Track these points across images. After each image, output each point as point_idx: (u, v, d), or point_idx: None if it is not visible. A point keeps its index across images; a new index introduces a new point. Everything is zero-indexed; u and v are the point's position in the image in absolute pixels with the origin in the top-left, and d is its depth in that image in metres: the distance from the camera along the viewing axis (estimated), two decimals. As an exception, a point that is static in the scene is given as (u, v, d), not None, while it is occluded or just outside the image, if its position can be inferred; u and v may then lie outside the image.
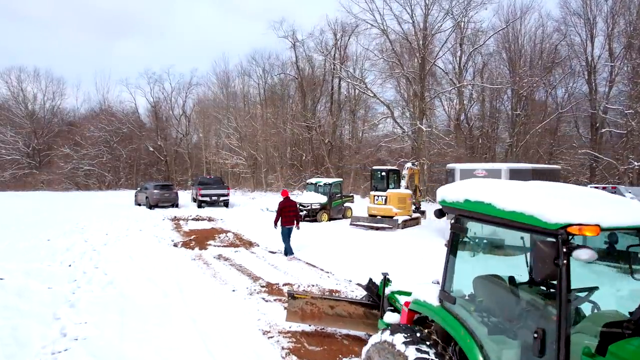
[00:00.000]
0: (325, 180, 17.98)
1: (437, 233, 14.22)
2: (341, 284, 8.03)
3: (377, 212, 15.41)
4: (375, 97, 29.18)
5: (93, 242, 12.31)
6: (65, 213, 20.04)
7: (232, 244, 12.17)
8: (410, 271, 8.85)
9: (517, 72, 28.24)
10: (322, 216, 17.14)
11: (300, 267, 9.39)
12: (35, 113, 49.93)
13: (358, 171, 36.21)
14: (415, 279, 8.40)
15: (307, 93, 39.95)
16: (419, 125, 28.12)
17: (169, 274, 8.69)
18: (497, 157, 34.25)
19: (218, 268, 9.24)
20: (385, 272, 5.17)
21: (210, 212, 21.25)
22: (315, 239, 13.02)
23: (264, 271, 8.89)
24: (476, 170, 10.96)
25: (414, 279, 8.37)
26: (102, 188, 43.88)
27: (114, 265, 9.41)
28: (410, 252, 11.15)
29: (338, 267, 9.30)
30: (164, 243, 12.42)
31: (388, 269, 9.33)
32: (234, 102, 46.24)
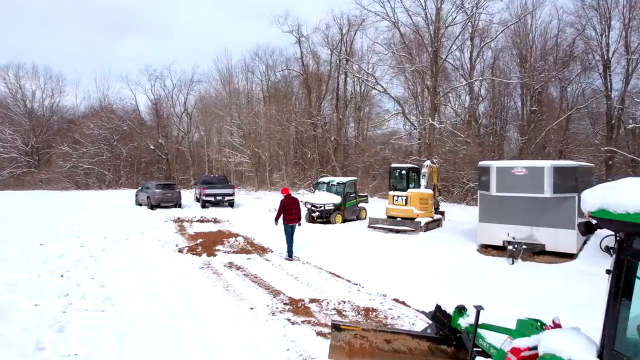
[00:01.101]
0: (339, 179, 16.84)
1: (464, 236, 13.11)
2: (375, 299, 6.91)
3: (396, 213, 14.28)
4: (385, 92, 28.06)
5: (90, 247, 11.20)
6: (62, 214, 18.94)
7: (243, 249, 11.05)
8: (451, 285, 7.74)
9: (532, 66, 27.07)
10: (336, 218, 16.01)
11: (323, 277, 8.28)
12: (34, 111, 48.85)
13: (365, 170, 35.08)
14: (460, 295, 7.33)
15: (312, 89, 38.82)
16: (431, 122, 26.99)
17: (175, 286, 7.58)
18: (505, 155, 33.26)
19: (230, 279, 8.12)
20: (461, 305, 4.01)
21: (215, 212, 20.14)
22: (332, 244, 11.90)
23: (284, 283, 7.77)
24: (515, 168, 9.83)
25: (459, 295, 7.29)
26: (102, 187, 42.78)
27: (112, 275, 8.30)
28: (442, 259, 10.03)
29: (366, 278, 8.18)
30: (168, 248, 11.31)
31: (423, 281, 8.20)
32: (237, 99, 45.09)
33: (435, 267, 9.17)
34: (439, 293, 7.22)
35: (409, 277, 8.36)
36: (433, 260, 9.87)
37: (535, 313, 6.44)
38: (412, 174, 14.97)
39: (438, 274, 8.63)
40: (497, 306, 6.46)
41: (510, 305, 6.55)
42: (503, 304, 6.60)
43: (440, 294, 7.11)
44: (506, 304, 6.65)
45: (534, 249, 9.82)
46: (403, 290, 7.37)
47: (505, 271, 8.91)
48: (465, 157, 28.47)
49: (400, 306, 6.60)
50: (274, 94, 42.44)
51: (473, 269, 9.03)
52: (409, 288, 7.55)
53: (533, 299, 6.91)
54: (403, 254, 10.59)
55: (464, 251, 10.96)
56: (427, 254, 10.68)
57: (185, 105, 49.52)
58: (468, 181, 28.07)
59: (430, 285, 7.74)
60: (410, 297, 6.98)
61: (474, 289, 7.49)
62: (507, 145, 36.11)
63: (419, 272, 8.76)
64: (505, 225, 10.46)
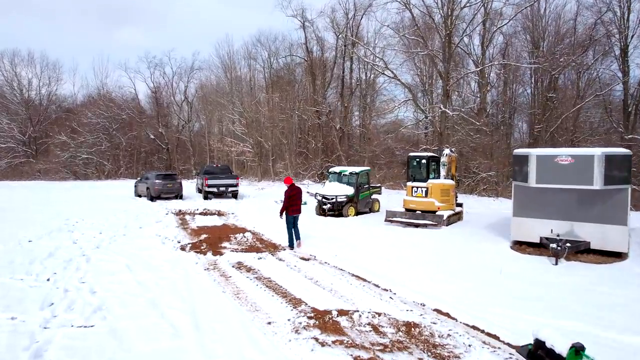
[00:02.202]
0: (352, 169, 15.73)
1: (490, 231, 12.08)
2: (414, 310, 5.87)
3: (416, 206, 13.22)
4: (395, 77, 26.77)
5: (83, 243, 10.17)
6: (57, 206, 17.91)
7: (252, 247, 10.00)
8: (495, 291, 6.65)
9: (550, 50, 25.80)
10: (348, 210, 14.95)
11: (347, 281, 7.23)
12: (31, 99, 47.61)
13: (370, 160, 33.96)
14: (510, 304, 6.14)
15: (317, 76, 37.52)
16: (443, 109, 25.81)
17: (178, 293, 6.55)
18: (513, 143, 32.18)
19: (241, 283, 7.08)
20: (579, 344, 2.90)
21: (218, 204, 19.10)
22: (349, 240, 10.86)
23: (304, 289, 6.73)
24: (559, 156, 8.72)
25: (509, 305, 6.22)
26: (101, 177, 41.77)
27: (105, 279, 7.26)
28: (475, 259, 8.99)
29: (395, 282, 7.15)
30: (169, 245, 10.27)
31: (462, 286, 6.91)
32: (239, 86, 43.79)
33: (470, 268, 8.13)
34: (485, 301, 6.20)
35: (443, 280, 7.33)
36: (465, 260, 8.83)
37: (612, 331, 5.45)
38: (432, 163, 13.86)
39: (476, 276, 7.59)
40: (562, 320, 5.45)
41: (576, 319, 5.52)
42: (568, 318, 5.58)
43: (487, 303, 6.10)
44: (570, 317, 5.61)
45: (579, 247, 8.77)
46: (442, 298, 6.34)
47: (551, 273, 7.86)
48: (478, 146, 27.42)
49: (445, 319, 5.56)
50: (277, 82, 41.13)
51: (513, 270, 7.98)
52: (448, 295, 6.52)
53: (600, 311, 5.86)
54: (429, 252, 9.55)
55: (496, 249, 9.92)
56: (457, 252, 9.65)
57: (185, 93, 48.28)
58: (480, 171, 27.07)
59: (472, 291, 6.70)
60: (453, 307, 5.94)
61: (523, 297, 6.45)
62: (516, 134, 35.09)
63: (454, 274, 7.72)
64: (543, 220, 9.41)
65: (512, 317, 5.63)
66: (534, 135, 29.62)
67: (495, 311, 5.83)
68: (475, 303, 6.14)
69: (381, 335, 4.99)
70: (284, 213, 9.94)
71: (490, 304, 6.11)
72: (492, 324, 5.37)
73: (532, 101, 31.43)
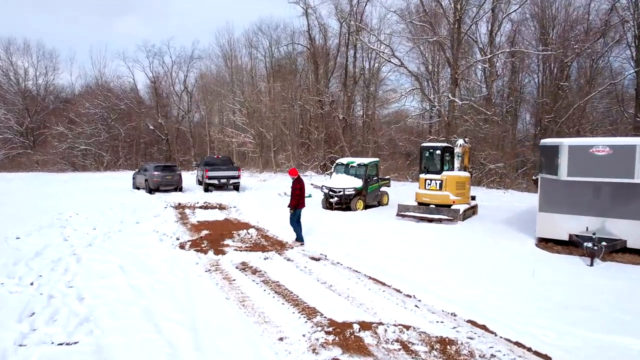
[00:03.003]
0: (360, 160, 14.94)
1: (510, 227, 11.35)
2: (444, 322, 5.14)
3: (430, 199, 12.46)
4: (402, 65, 25.84)
5: (75, 241, 9.45)
6: (52, 199, 17.17)
7: (256, 244, 9.27)
8: (533, 297, 5.88)
9: (564, 36, 24.85)
10: (357, 204, 14.20)
11: (364, 286, 6.50)
12: (28, 89, 46.68)
13: (374, 151, 33.17)
14: (558, 316, 5.20)
15: (320, 65, 36.52)
16: (452, 98, 24.96)
17: (176, 300, 5.82)
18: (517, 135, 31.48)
19: (246, 288, 6.35)
20: None
21: (219, 197, 18.36)
22: (360, 237, 10.12)
23: (318, 295, 6.00)
24: (595, 146, 7.94)
25: (556, 317, 5.43)
26: (99, 169, 41.01)
27: (95, 282, 6.54)
28: (501, 258, 8.25)
29: (418, 286, 6.42)
30: (167, 242, 9.54)
31: (494, 292, 6.16)
32: (240, 75, 42.79)
33: (497, 269, 7.40)
34: (523, 310, 5.48)
35: (470, 284, 6.60)
36: (490, 260, 8.09)
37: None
38: (446, 154, 13.07)
39: (505, 279, 6.85)
40: (614, 335, 4.75)
41: (631, 335, 4.81)
42: (620, 332, 4.89)
43: (526, 312, 5.37)
44: (623, 331, 4.92)
45: (615, 247, 8.02)
46: (473, 306, 5.62)
47: (588, 276, 7.12)
48: (487, 136, 26.63)
49: (483, 333, 4.83)
50: (279, 71, 40.14)
51: (545, 272, 7.25)
52: (479, 302, 5.79)
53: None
54: (449, 251, 8.82)
55: (521, 246, 9.18)
56: (478, 250, 8.91)
57: (185, 83, 47.34)
58: (488, 163, 26.33)
59: (505, 298, 5.97)
60: (488, 318, 5.21)
61: (564, 305, 5.71)
62: (519, 124, 34.30)
63: (480, 276, 6.98)
64: (573, 216, 8.66)
65: (559, 330, 4.91)
66: (543, 126, 28.77)
67: (537, 323, 5.10)
68: (513, 312, 5.42)
69: (413, 356, 4.26)
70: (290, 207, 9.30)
71: (529, 313, 5.39)
72: (538, 339, 4.65)
73: (540, 91, 30.57)
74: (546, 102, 28.27)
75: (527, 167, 28.73)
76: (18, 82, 45.86)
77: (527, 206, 16.13)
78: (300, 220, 9.30)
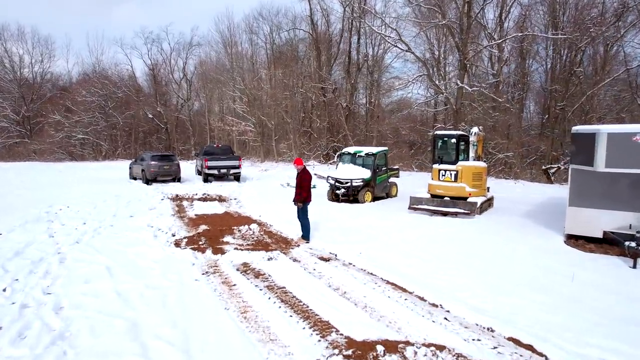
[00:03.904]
0: (368, 149, 14.07)
1: (532, 221, 10.55)
2: (483, 341, 4.35)
3: (444, 191, 11.64)
4: (409, 50, 24.80)
5: (61, 237, 8.66)
6: (44, 190, 16.39)
7: (259, 242, 8.48)
8: (578, 307, 5.02)
9: (580, 19, 23.75)
10: (365, 196, 13.40)
11: (383, 292, 5.71)
12: (24, 77, 45.64)
13: (377, 140, 32.27)
14: (621, 334, 4.31)
15: (322, 51, 35.41)
16: (461, 84, 23.99)
17: (168, 311, 5.04)
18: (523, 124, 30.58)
19: (249, 295, 5.57)
20: None
21: (219, 188, 17.56)
22: (372, 233, 9.32)
23: (331, 305, 5.21)
24: (638, 134, 7.10)
25: (616, 335, 4.59)
26: (98, 158, 40.18)
27: (77, 288, 5.76)
28: (529, 258, 7.44)
29: (444, 293, 5.64)
30: (162, 239, 8.75)
31: (530, 299, 5.42)
32: (240, 62, 41.69)
33: (528, 272, 6.60)
34: (572, 325, 4.68)
35: (502, 290, 5.80)
36: (518, 260, 7.29)
37: None
38: (461, 143, 12.20)
39: (541, 284, 6.06)
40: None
41: None
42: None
43: (576, 328, 4.57)
44: None
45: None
46: (512, 319, 4.83)
47: (635, 281, 6.33)
48: (496, 124, 25.75)
49: (530, 356, 4.04)
50: (280, 58, 39.02)
51: (586, 275, 6.45)
52: (518, 314, 5.00)
53: None
54: (470, 249, 8.02)
55: (549, 244, 8.38)
56: (503, 248, 8.11)
57: (184, 70, 46.25)
58: (497, 152, 25.50)
59: (548, 309, 5.18)
60: (533, 335, 4.42)
61: (624, 319, 4.89)
62: (527, 112, 33.36)
63: (512, 281, 6.19)
64: (608, 211, 7.84)
65: (626, 354, 4.11)
66: (554, 114, 27.80)
67: (595, 342, 4.31)
68: (560, 327, 4.63)
69: (453, 389, 3.48)
70: (297, 201, 8.50)
71: (580, 328, 4.59)
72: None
73: (549, 78, 29.45)
74: (556, 90, 27.23)
75: (536, 156, 27.91)
76: (13, 69, 44.83)
77: (544, 198, 15.32)
78: (308, 215, 8.49)
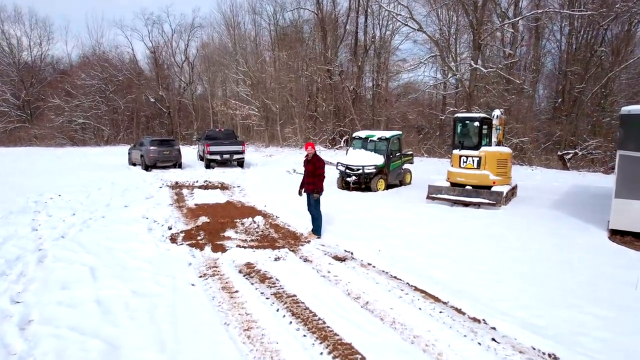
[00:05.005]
0: (381, 134, 13.06)
1: (562, 212, 9.59)
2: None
3: (465, 179, 10.68)
4: (420, 29, 23.51)
5: (45, 231, 7.81)
6: (37, 177, 15.56)
7: (264, 237, 7.58)
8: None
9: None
10: (378, 183, 12.46)
11: (412, 302, 4.81)
12: (23, 60, 44.60)
13: (385, 125, 31.16)
14: None
15: (328, 32, 34.05)
16: (475, 65, 22.78)
17: (156, 329, 4.17)
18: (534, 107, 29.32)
19: (253, 306, 4.69)
20: None
21: (222, 175, 16.68)
22: (387, 225, 8.41)
23: (352, 321, 4.31)
24: None
25: None
26: (100, 143, 39.33)
27: (53, 295, 4.90)
28: (574, 258, 6.51)
29: (486, 304, 4.75)
30: (157, 233, 7.89)
31: (593, 315, 4.20)
32: (243, 44, 40.37)
33: (582, 278, 5.67)
34: None
35: (557, 302, 4.89)
36: (564, 261, 6.36)
37: None
38: (484, 127, 11.17)
39: (602, 294, 5.12)
40: None
41: None
42: None
43: None
44: None
45: None
46: (576, 341, 3.93)
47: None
48: (511, 108, 24.57)
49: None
50: (284, 39, 37.68)
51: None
52: (582, 334, 4.09)
53: None
54: (505, 245, 7.10)
55: (593, 242, 7.44)
56: (542, 245, 7.17)
57: (186, 53, 44.98)
58: (511, 137, 24.39)
59: (619, 328, 4.26)
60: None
61: None
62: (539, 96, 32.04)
63: (565, 288, 5.27)
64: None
65: None
66: (570, 97, 26.53)
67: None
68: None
69: None
70: (304, 192, 7.71)
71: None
72: None
73: (565, 59, 28.01)
74: (572, 72, 25.87)
75: (552, 142, 26.76)
76: (12, 52, 43.75)
77: (568, 186, 14.33)
78: (320, 207, 7.57)
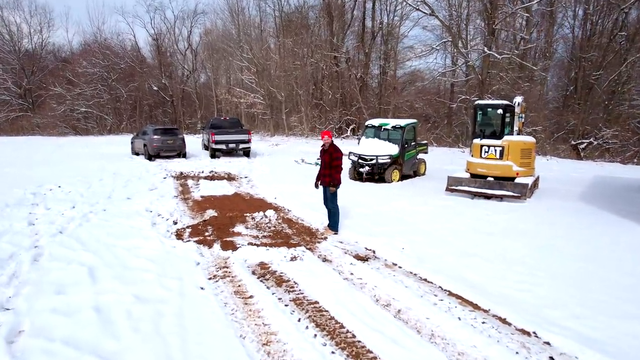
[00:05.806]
0: (395, 122, 12.41)
1: (593, 206, 9.01)
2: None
3: (487, 170, 10.07)
4: (432, 14, 22.67)
5: (42, 226, 7.28)
6: (37, 167, 15.05)
7: (278, 233, 7.04)
8: None
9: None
10: (392, 174, 11.87)
11: (448, 309, 4.27)
12: (23, 47, 43.92)
13: (392, 113, 30.42)
14: None
15: (334, 19, 33.16)
16: (488, 51, 21.99)
17: (160, 342, 3.64)
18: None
19: (271, 314, 4.16)
20: None
21: (228, 165, 16.13)
22: (407, 219, 7.85)
23: (384, 334, 3.77)
24: None
25: None
26: (103, 132, 38.80)
27: (46, 301, 4.38)
28: (631, 261, 5.94)
29: (529, 311, 4.20)
30: (161, 228, 7.36)
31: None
32: (247, 30, 39.51)
33: (632, 280, 5.11)
34: None
35: (612, 310, 4.33)
36: (608, 261, 5.78)
37: None
38: (506, 115, 10.52)
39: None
40: None
41: None
42: None
43: None
44: None
45: None
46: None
47: None
48: (527, 95, 23.81)
49: None
50: (289, 26, 36.79)
51: None
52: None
53: None
54: (539, 243, 6.53)
55: (629, 237, 6.87)
56: (579, 243, 6.59)
57: (189, 40, 44.12)
58: (525, 126, 23.68)
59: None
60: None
61: None
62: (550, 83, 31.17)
63: (616, 294, 4.70)
64: None
65: None
66: (586, 84, 25.73)
67: None
68: None
69: None
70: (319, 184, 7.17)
71: None
72: None
73: (579, 45, 27.11)
74: (585, 58, 24.99)
75: (564, 131, 26.03)
76: (12, 39, 43.03)
77: (589, 177, 13.72)
78: (337, 201, 6.99)
